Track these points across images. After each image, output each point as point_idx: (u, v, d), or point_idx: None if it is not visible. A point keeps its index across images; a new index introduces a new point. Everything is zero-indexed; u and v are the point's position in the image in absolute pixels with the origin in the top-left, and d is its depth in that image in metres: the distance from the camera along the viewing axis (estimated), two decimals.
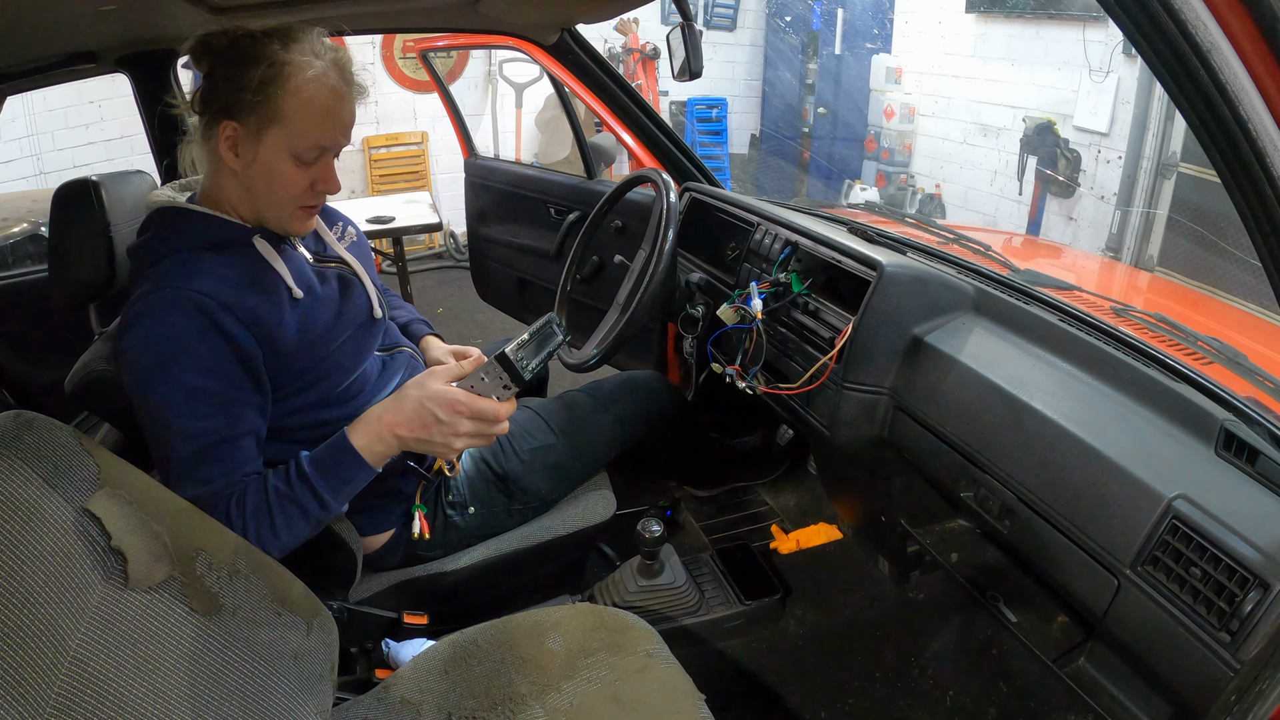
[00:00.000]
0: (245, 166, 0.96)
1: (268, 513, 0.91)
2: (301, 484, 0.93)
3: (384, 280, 1.34)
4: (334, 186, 1.01)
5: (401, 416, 0.93)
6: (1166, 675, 0.82)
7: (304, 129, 0.94)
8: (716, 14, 5.71)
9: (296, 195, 0.98)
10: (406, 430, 0.93)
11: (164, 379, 0.90)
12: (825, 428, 1.22)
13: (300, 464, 0.94)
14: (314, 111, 0.94)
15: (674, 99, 5.66)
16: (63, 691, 0.64)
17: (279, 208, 0.99)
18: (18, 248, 2.38)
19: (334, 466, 0.94)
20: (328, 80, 0.95)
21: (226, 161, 0.96)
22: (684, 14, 1.42)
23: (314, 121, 0.94)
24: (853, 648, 1.46)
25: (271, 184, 0.97)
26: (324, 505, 0.94)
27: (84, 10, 1.10)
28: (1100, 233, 4.17)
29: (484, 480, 1.28)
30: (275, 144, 0.94)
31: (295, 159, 0.96)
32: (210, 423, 0.91)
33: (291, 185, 0.97)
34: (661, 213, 1.43)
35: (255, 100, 0.92)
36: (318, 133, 0.95)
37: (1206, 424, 0.84)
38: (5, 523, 0.66)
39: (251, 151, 0.95)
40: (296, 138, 0.94)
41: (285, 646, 0.85)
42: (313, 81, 0.93)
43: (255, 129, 0.93)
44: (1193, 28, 0.51)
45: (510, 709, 0.92)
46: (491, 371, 0.92)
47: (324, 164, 0.99)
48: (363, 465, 0.94)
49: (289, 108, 0.93)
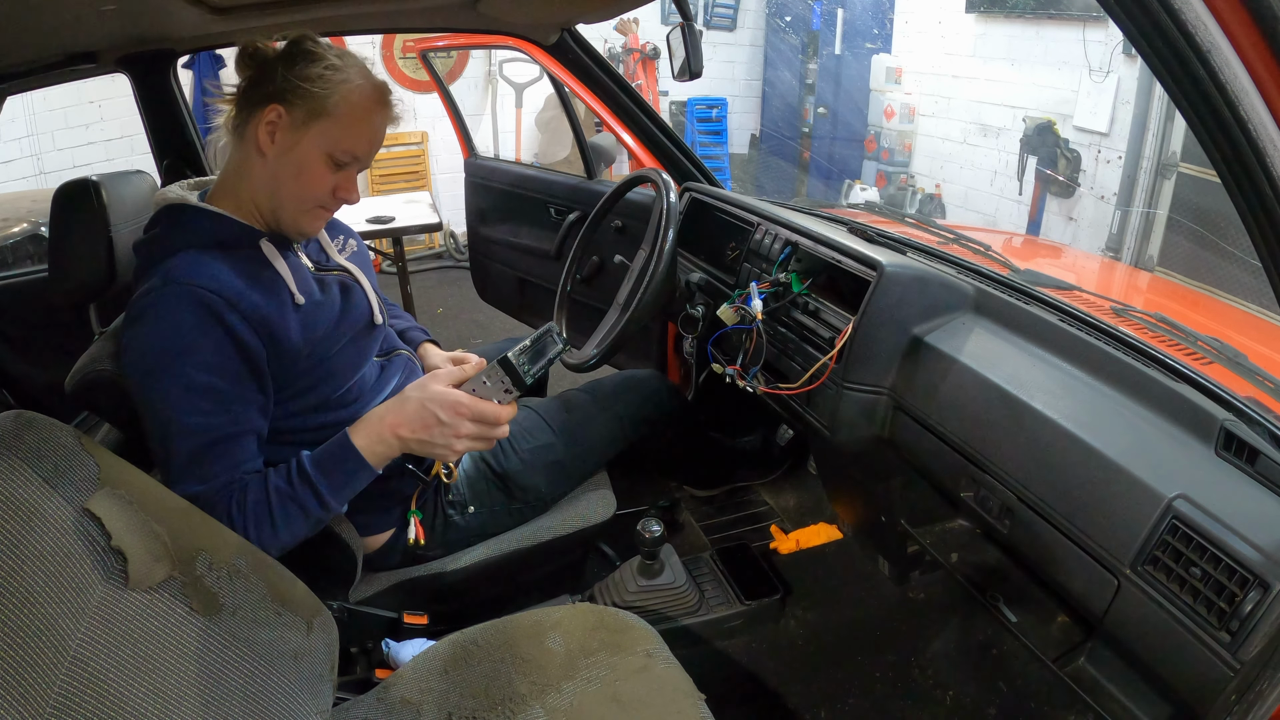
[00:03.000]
0: (279, 155, 0.97)
1: (268, 511, 0.91)
2: (303, 483, 0.93)
3: (384, 280, 1.35)
4: (354, 197, 1.03)
5: (403, 417, 0.94)
6: (1166, 675, 0.82)
7: (347, 131, 0.97)
8: (716, 14, 5.71)
9: (320, 195, 1.01)
10: (408, 431, 0.94)
11: (167, 374, 0.90)
12: (825, 428, 1.22)
13: (301, 463, 0.94)
14: (360, 117, 0.98)
15: (674, 99, 5.66)
16: (63, 691, 0.64)
17: (299, 203, 1.01)
18: (18, 248, 2.38)
19: (335, 466, 0.94)
20: (375, 96, 1.00)
21: (260, 146, 0.97)
22: (684, 14, 1.42)
23: (357, 127, 0.98)
24: (853, 648, 1.46)
25: (300, 177, 0.98)
26: (324, 505, 0.94)
27: (84, 10, 1.10)
28: (1100, 233, 4.17)
29: (484, 480, 1.28)
30: (316, 139, 0.97)
31: (329, 159, 0.98)
32: (213, 419, 0.91)
33: (318, 184, 1.00)
34: (661, 213, 1.43)
35: (311, 91, 0.95)
36: (356, 139, 0.99)
37: (1206, 424, 0.84)
38: (5, 523, 0.66)
39: (291, 140, 0.96)
40: (338, 137, 0.97)
41: (285, 646, 0.85)
42: (363, 91, 0.98)
43: (301, 119, 0.96)
44: (1192, 28, 0.51)
45: (510, 709, 0.92)
46: (494, 375, 0.93)
47: (350, 173, 1.02)
48: (364, 465, 0.94)
49: (340, 107, 0.96)
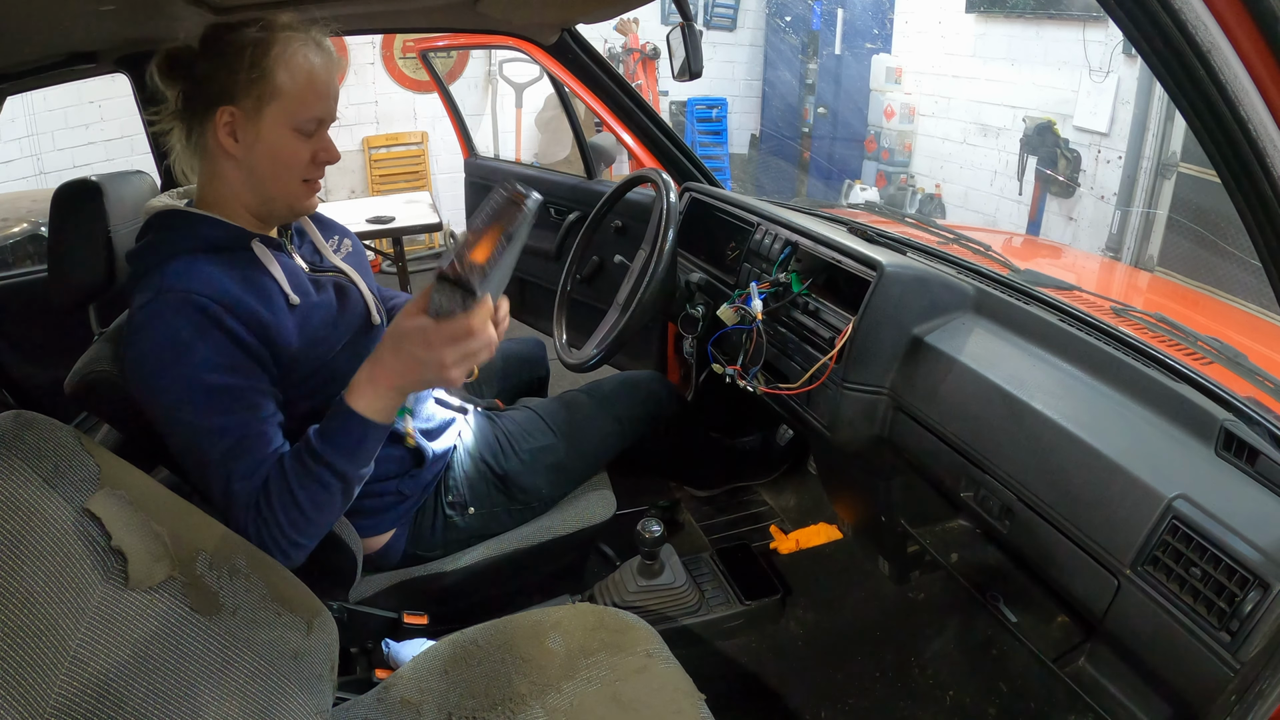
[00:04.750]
0: (247, 150, 0.97)
1: (291, 496, 0.89)
2: (314, 460, 0.90)
3: (384, 280, 1.34)
4: (334, 155, 1.03)
5: (385, 369, 0.89)
6: (1166, 675, 0.82)
7: (302, 100, 0.97)
8: (716, 14, 5.71)
9: (301, 168, 1.01)
10: (398, 379, 0.89)
11: (177, 383, 0.90)
12: (825, 428, 1.22)
13: (310, 441, 0.91)
14: (307, 81, 0.97)
15: (674, 99, 5.66)
16: (63, 691, 0.64)
17: (286, 184, 1.01)
18: (18, 248, 2.39)
19: (342, 435, 0.91)
20: (311, 49, 0.98)
21: (226, 149, 0.97)
22: (684, 14, 1.42)
23: (309, 91, 0.97)
24: (853, 648, 1.45)
25: (276, 160, 0.99)
26: (343, 476, 0.91)
27: (84, 10, 1.09)
28: (1100, 233, 4.17)
29: (484, 481, 1.28)
30: (275, 119, 0.96)
31: (297, 131, 0.98)
32: (236, 417, 0.91)
33: (296, 160, 1.00)
34: (661, 213, 1.43)
35: (251, 78, 0.94)
36: (314, 102, 0.98)
37: (1206, 424, 0.84)
38: (5, 523, 0.66)
39: (253, 132, 0.97)
40: (295, 109, 0.97)
41: (285, 646, 0.85)
42: (300, 52, 0.97)
43: (254, 109, 0.95)
44: (1192, 27, 0.51)
45: (510, 709, 0.92)
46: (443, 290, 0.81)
47: (321, 135, 1.02)
48: (370, 425, 0.91)
49: (284, 80, 0.95)
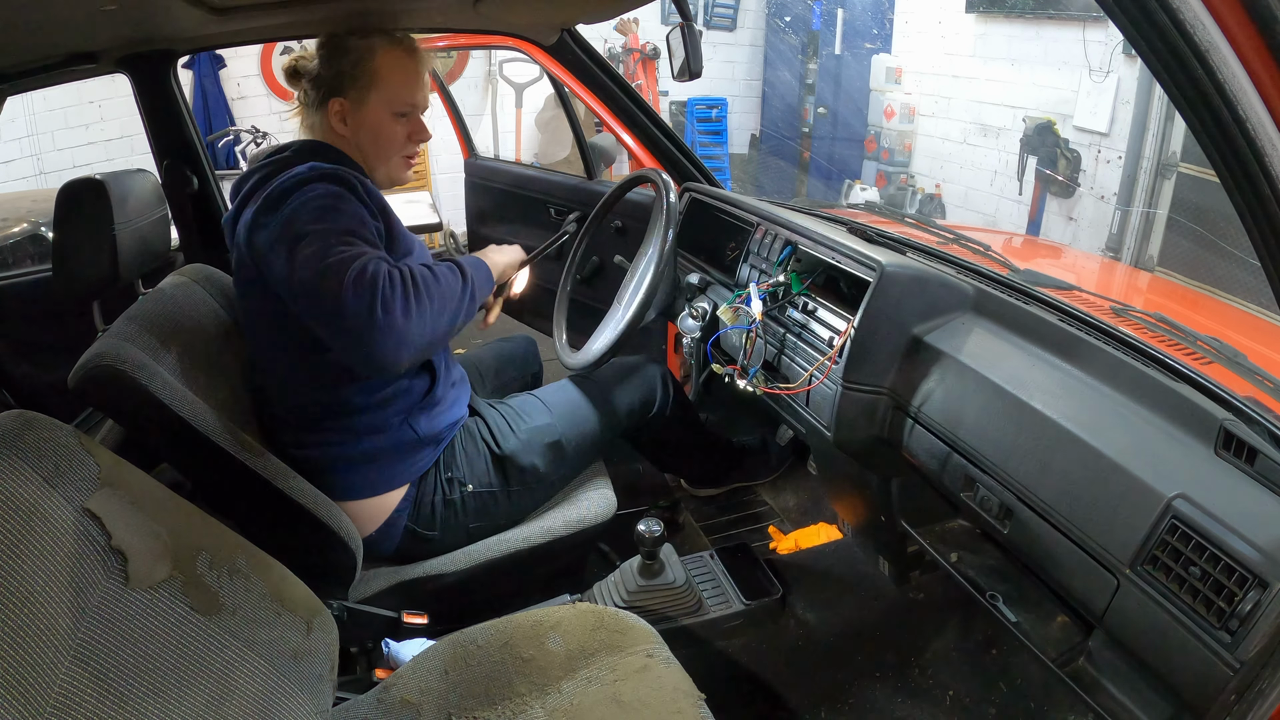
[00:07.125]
0: (354, 131, 1.19)
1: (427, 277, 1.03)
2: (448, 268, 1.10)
3: None
4: (426, 134, 1.24)
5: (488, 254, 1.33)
6: (1166, 675, 0.82)
7: (398, 88, 1.18)
8: (716, 14, 5.71)
9: (399, 146, 1.22)
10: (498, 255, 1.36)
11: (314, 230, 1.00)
12: (825, 428, 1.22)
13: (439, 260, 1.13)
14: (401, 72, 1.18)
15: (674, 99, 5.66)
16: (63, 690, 0.65)
17: (387, 158, 1.23)
18: (18, 248, 2.39)
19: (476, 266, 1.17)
20: (404, 49, 1.20)
21: (339, 132, 1.19)
22: (684, 14, 1.42)
23: (404, 81, 1.19)
24: (853, 648, 1.45)
25: (379, 139, 1.20)
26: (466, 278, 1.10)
27: (84, 10, 1.10)
28: (1100, 233, 4.17)
29: (482, 459, 1.31)
30: (378, 106, 1.18)
31: (394, 115, 1.19)
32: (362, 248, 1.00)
33: (394, 139, 1.21)
34: (661, 213, 1.43)
35: (354, 74, 1.16)
36: (409, 90, 1.19)
37: (1206, 424, 0.84)
38: (5, 522, 0.66)
39: (359, 117, 1.18)
40: (393, 97, 1.18)
41: (285, 646, 0.85)
42: (393, 50, 1.18)
43: (359, 98, 1.17)
44: (1191, 27, 0.51)
45: (510, 709, 0.92)
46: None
47: (415, 119, 1.22)
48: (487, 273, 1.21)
49: (382, 73, 1.17)
